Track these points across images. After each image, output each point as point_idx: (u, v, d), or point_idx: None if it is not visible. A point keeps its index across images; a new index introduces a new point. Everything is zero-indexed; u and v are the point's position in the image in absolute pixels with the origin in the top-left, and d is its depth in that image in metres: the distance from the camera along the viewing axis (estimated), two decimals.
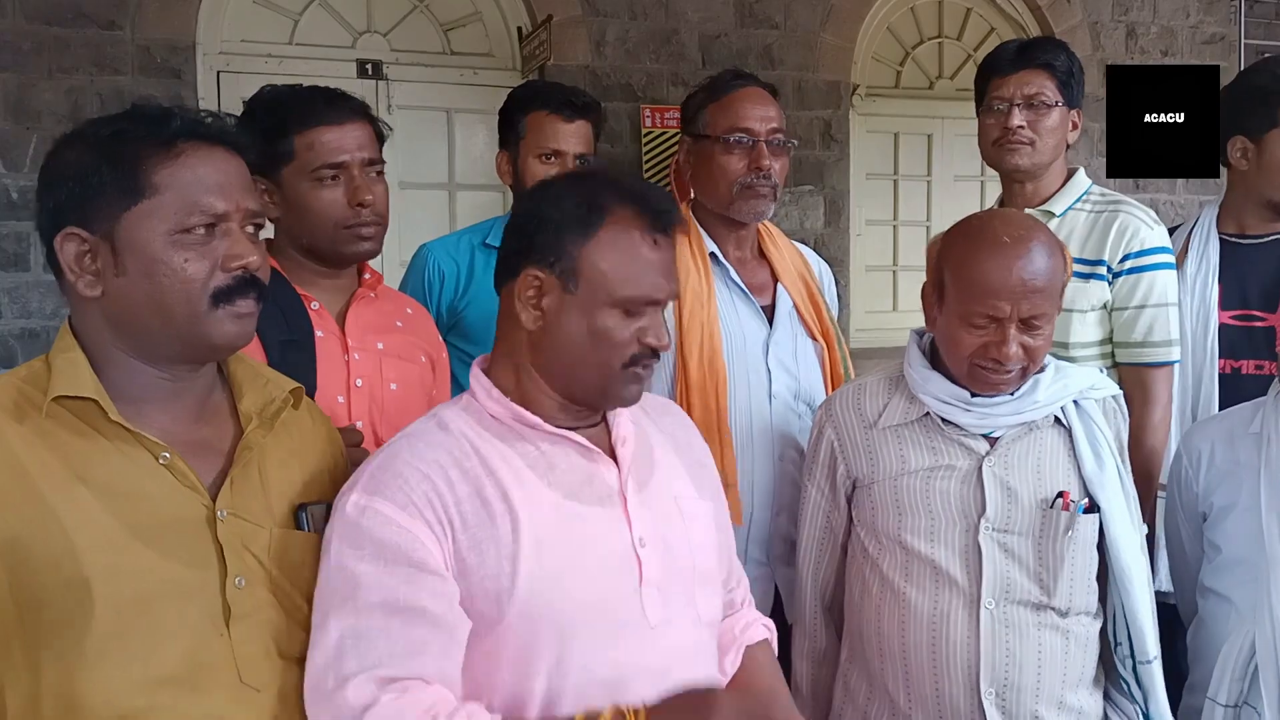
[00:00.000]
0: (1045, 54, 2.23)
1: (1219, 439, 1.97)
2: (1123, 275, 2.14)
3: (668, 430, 1.43)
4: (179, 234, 1.15)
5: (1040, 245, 1.57)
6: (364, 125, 1.73)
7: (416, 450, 1.25)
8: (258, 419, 1.25)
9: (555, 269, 1.26)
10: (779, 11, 5.19)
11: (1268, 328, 2.29)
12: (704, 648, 1.35)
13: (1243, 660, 1.82)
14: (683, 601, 1.31)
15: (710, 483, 1.45)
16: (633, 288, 1.26)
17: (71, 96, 4.14)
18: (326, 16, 4.61)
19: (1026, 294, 1.53)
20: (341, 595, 1.17)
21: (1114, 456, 1.65)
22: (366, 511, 1.19)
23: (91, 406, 1.15)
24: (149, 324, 1.16)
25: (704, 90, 2.10)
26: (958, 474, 1.61)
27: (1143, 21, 6.09)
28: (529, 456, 1.27)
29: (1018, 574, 1.59)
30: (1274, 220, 2.33)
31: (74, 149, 1.17)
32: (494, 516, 1.22)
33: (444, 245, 2.35)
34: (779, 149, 2.04)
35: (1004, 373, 1.56)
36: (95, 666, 1.09)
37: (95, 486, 1.12)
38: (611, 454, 1.33)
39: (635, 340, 1.27)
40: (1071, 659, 1.60)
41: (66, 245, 1.16)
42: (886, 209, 5.65)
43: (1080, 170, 2.30)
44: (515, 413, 1.29)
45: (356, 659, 1.14)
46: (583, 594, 1.23)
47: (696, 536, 1.36)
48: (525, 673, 1.20)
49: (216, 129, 1.21)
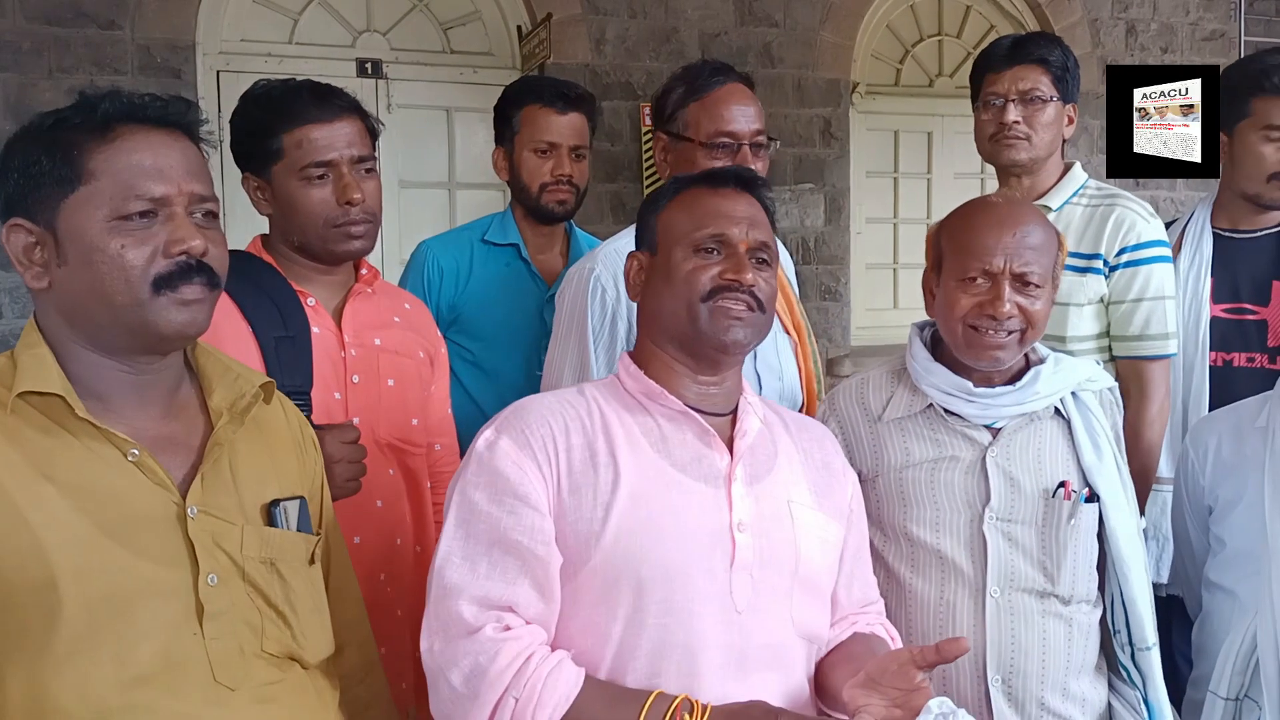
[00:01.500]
0: (1039, 49, 2.23)
1: (1226, 433, 1.97)
2: (1119, 269, 2.15)
3: (803, 445, 1.47)
4: (116, 220, 1.12)
5: (1033, 212, 1.65)
6: (354, 122, 1.71)
7: (547, 403, 1.37)
8: (228, 414, 1.23)
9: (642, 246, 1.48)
10: (778, 9, 5.19)
11: (1260, 321, 2.30)
12: (792, 653, 1.35)
13: (1244, 653, 1.82)
14: (776, 598, 1.33)
15: (837, 506, 1.46)
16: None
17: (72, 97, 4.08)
18: (326, 16, 4.62)
19: (1019, 248, 1.57)
20: (458, 516, 1.30)
21: (1111, 447, 1.66)
22: (492, 445, 1.31)
23: (58, 403, 1.12)
24: (95, 314, 1.14)
25: (682, 84, 1.98)
26: (962, 465, 1.61)
27: (1142, 18, 6.09)
28: (646, 427, 1.37)
29: (1022, 562, 1.59)
30: (1258, 213, 2.34)
31: (21, 141, 1.16)
32: (598, 468, 1.31)
33: (443, 242, 2.35)
34: (761, 151, 1.98)
35: (1000, 332, 1.56)
36: (68, 666, 1.07)
37: (63, 484, 1.10)
38: (730, 445, 1.38)
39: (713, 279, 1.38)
40: (1074, 646, 1.61)
41: (13, 237, 1.15)
42: (887, 207, 5.65)
43: (1077, 164, 2.30)
44: (646, 387, 1.38)
45: (458, 574, 1.26)
46: (666, 553, 1.28)
47: (804, 543, 1.37)
48: (605, 615, 1.27)
49: (156, 111, 1.17)
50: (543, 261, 2.32)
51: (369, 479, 1.62)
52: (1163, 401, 2.16)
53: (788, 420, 1.50)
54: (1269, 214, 2.34)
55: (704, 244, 1.39)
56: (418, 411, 1.79)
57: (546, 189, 2.26)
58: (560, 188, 2.26)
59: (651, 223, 1.46)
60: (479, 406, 2.15)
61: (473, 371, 2.23)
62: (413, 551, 1.75)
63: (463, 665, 1.22)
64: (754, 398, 1.46)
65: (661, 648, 1.26)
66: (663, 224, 1.43)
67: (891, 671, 1.23)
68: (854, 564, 1.48)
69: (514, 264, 2.30)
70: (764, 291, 1.38)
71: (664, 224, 1.43)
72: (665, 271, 1.40)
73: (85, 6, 4.15)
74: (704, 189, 1.44)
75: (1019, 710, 1.57)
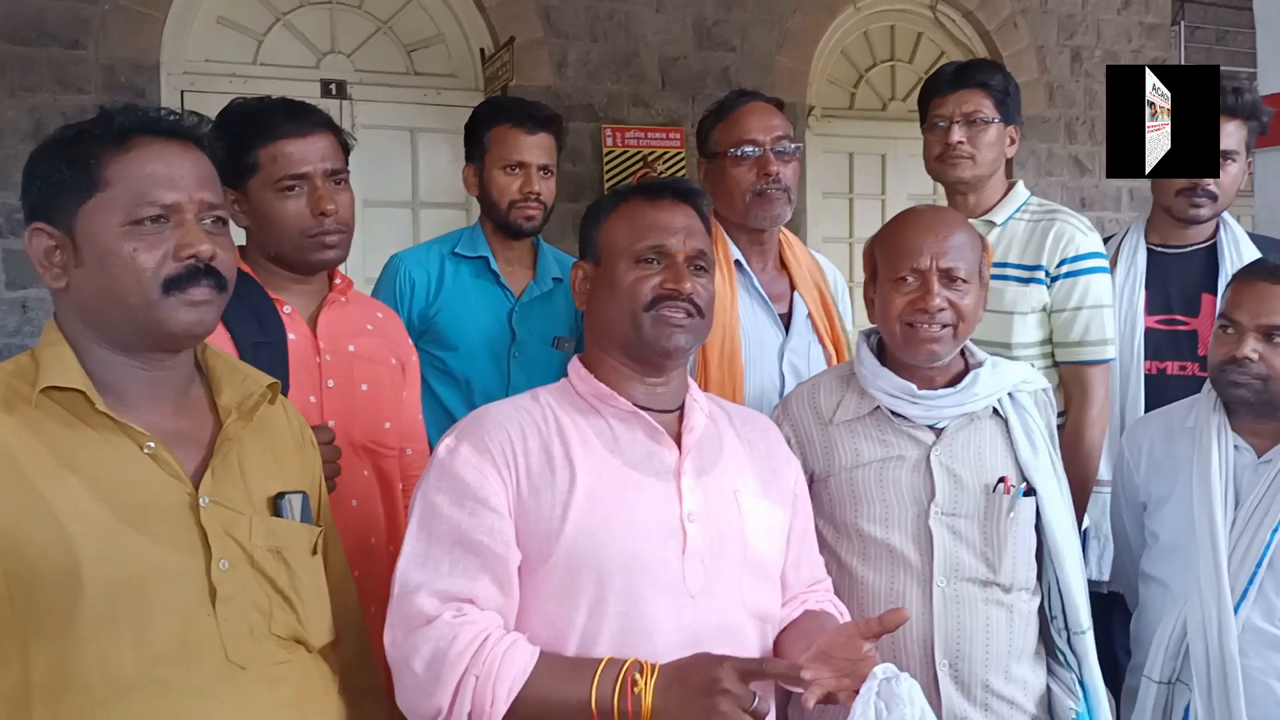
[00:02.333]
0: (981, 74, 2.35)
1: (1157, 434, 2.08)
2: (1060, 279, 2.26)
3: (747, 437, 1.54)
4: (130, 225, 1.19)
5: (955, 216, 1.77)
6: (327, 136, 1.77)
7: (504, 410, 1.44)
8: (236, 412, 1.30)
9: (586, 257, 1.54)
10: (736, 35, 5.31)
11: (1190, 331, 2.43)
12: (744, 631, 1.42)
13: (1175, 639, 1.93)
14: (727, 581, 1.40)
15: (782, 493, 1.54)
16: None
17: (35, 115, 4.15)
18: (290, 37, 4.65)
19: (944, 247, 1.68)
20: (421, 519, 1.37)
21: (1046, 444, 1.76)
22: (453, 452, 1.38)
23: (78, 398, 1.19)
24: (108, 312, 1.21)
25: (712, 113, 2.21)
26: (908, 464, 1.70)
27: (1087, 45, 6.30)
28: (598, 428, 1.43)
29: (966, 554, 1.68)
30: (1186, 229, 2.46)
31: (44, 152, 1.24)
32: (555, 470, 1.38)
33: (414, 255, 2.41)
34: (786, 155, 2.14)
35: (934, 325, 1.66)
36: (89, 644, 1.13)
37: (83, 474, 1.17)
38: (678, 440, 1.45)
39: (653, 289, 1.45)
40: (1016, 632, 1.70)
41: (35, 240, 1.22)
42: (843, 227, 5.77)
43: (1019, 182, 2.42)
44: (596, 389, 1.45)
45: (421, 573, 1.33)
46: (623, 545, 1.35)
47: (751, 529, 1.45)
48: (568, 607, 1.34)
49: (169, 124, 1.25)
50: (511, 273, 2.38)
51: (344, 479, 1.68)
52: (1103, 404, 2.27)
53: (732, 414, 1.57)
54: (1196, 230, 2.47)
55: (644, 255, 1.45)
56: (391, 415, 1.85)
57: (515, 205, 2.33)
58: (529, 204, 2.33)
59: (593, 235, 1.52)
60: (449, 413, 2.20)
61: (443, 380, 2.28)
62: (386, 551, 1.80)
63: (423, 652, 1.28)
64: (699, 394, 1.53)
65: (622, 634, 1.33)
66: (604, 236, 1.50)
67: (840, 644, 1.31)
68: (801, 546, 1.56)
69: (483, 276, 2.36)
70: (702, 298, 1.45)
71: (605, 236, 1.50)
72: (609, 282, 1.46)
73: (49, 26, 4.16)
74: (642, 201, 1.50)
75: (965, 693, 1.66)
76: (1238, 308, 1.94)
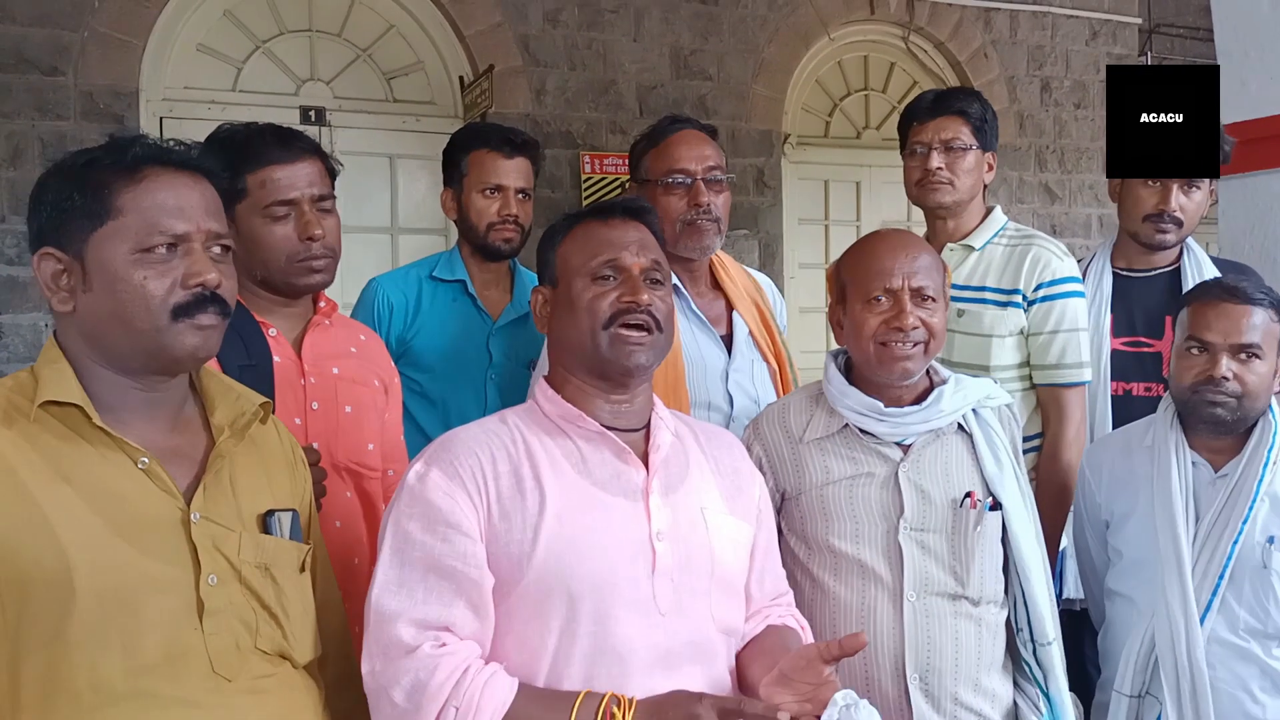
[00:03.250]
0: (960, 102, 2.41)
1: (1117, 453, 2.13)
2: (1036, 303, 2.32)
3: (712, 455, 1.56)
4: (140, 253, 1.23)
5: (918, 238, 1.82)
6: (314, 162, 1.81)
7: (472, 434, 1.45)
8: (229, 430, 1.33)
9: (544, 281, 1.56)
10: (713, 64, 5.40)
11: (1155, 353, 2.47)
12: (713, 647, 1.44)
13: (1144, 653, 1.97)
14: (696, 598, 1.42)
15: (747, 508, 1.56)
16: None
17: (13, 141, 4.17)
18: (270, 64, 4.69)
19: (914, 267, 1.74)
20: (393, 546, 1.37)
21: (1011, 459, 1.80)
22: (423, 478, 1.39)
23: (76, 413, 1.22)
24: (115, 336, 1.24)
25: (644, 139, 2.20)
26: (877, 480, 1.74)
27: (1056, 75, 6.44)
28: (567, 449, 1.44)
29: (934, 568, 1.71)
30: (1149, 254, 2.52)
31: (55, 177, 1.27)
32: (525, 492, 1.39)
33: (392, 279, 2.44)
34: (717, 185, 2.13)
35: (908, 344, 1.71)
36: (79, 653, 1.16)
37: (79, 486, 1.20)
38: (645, 459, 1.46)
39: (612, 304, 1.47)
40: (984, 644, 1.73)
41: (43, 264, 1.26)
42: (818, 252, 5.85)
43: (997, 208, 2.48)
44: (564, 410, 1.46)
45: (396, 601, 1.33)
46: (594, 566, 1.36)
47: (718, 545, 1.47)
48: (540, 629, 1.35)
49: (180, 155, 1.30)
50: (489, 297, 2.42)
51: (328, 500, 1.70)
52: (1079, 425, 2.32)
53: (697, 431, 1.60)
54: (1160, 254, 2.53)
55: (599, 272, 1.47)
56: (374, 437, 1.87)
57: (493, 228, 2.37)
58: (506, 227, 2.37)
59: (550, 258, 1.54)
60: (426, 436, 2.21)
61: (421, 402, 2.31)
62: (368, 571, 1.81)
63: (404, 683, 1.29)
64: (665, 412, 1.55)
65: (594, 654, 1.34)
66: (560, 258, 1.52)
67: (801, 667, 1.32)
68: (764, 560, 1.58)
69: (461, 299, 2.40)
70: (660, 310, 1.47)
71: (561, 258, 1.52)
72: (568, 302, 1.48)
73: (28, 52, 4.18)
74: (594, 221, 1.53)
75: (935, 706, 1.69)
76: (1207, 329, 1.97)
